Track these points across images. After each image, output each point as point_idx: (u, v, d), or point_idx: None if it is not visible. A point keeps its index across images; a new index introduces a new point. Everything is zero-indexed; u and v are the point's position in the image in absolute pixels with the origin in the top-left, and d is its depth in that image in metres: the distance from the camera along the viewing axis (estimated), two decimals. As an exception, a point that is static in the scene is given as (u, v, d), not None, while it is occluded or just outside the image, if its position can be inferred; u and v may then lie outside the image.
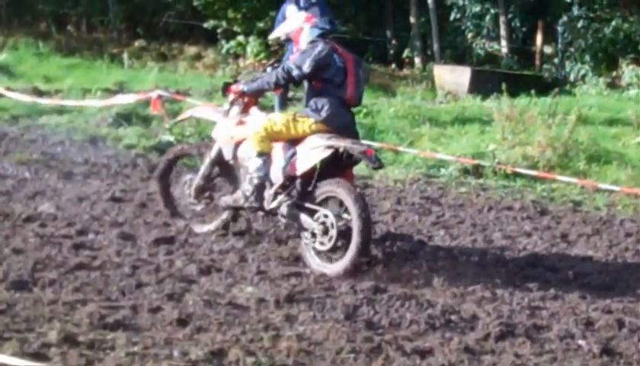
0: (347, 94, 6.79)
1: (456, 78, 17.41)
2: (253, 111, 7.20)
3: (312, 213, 6.58)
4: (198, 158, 7.65)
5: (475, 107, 14.51)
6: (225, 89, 7.34)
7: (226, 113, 7.32)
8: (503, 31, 20.73)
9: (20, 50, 17.78)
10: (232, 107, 7.28)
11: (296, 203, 6.70)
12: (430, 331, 5.39)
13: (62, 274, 5.90)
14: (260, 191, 6.82)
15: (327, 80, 6.74)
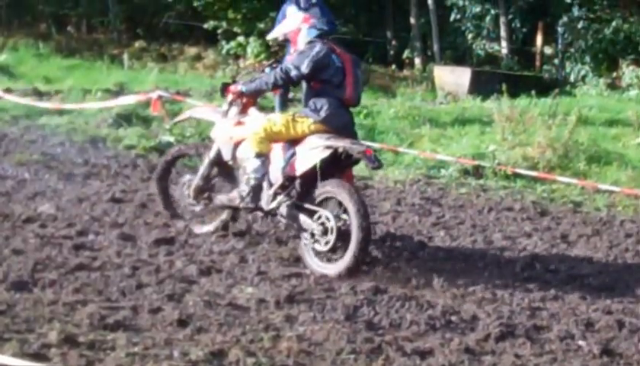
0: (346, 94, 6.79)
1: (456, 78, 17.42)
2: (252, 112, 7.19)
3: (311, 213, 6.57)
4: (197, 158, 7.66)
5: (475, 108, 14.51)
6: (224, 89, 7.33)
7: (225, 113, 7.32)
8: (503, 32, 20.73)
9: (21, 51, 17.81)
10: (231, 107, 7.27)
11: (296, 203, 6.70)
12: (431, 332, 5.39)
13: (62, 274, 5.89)
14: (257, 192, 6.81)
15: (325, 81, 6.73)
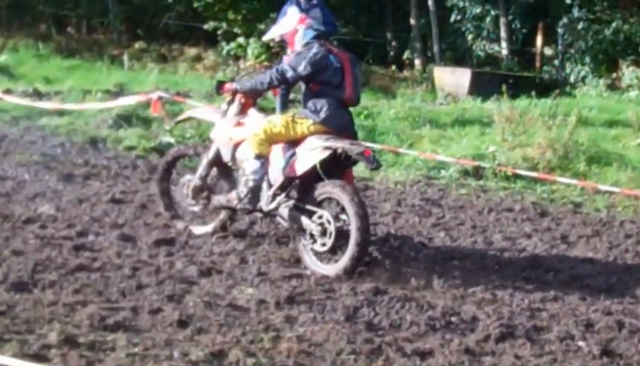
0: (346, 94, 6.78)
1: (456, 79, 17.43)
2: (251, 113, 7.19)
3: (310, 214, 6.57)
4: (196, 158, 7.65)
5: (475, 109, 14.51)
6: (219, 87, 7.33)
7: (224, 113, 7.31)
8: (503, 33, 20.74)
9: (21, 52, 17.81)
10: (230, 106, 7.27)
11: (295, 204, 6.70)
12: (431, 332, 5.39)
13: (62, 275, 5.89)
14: (255, 194, 6.80)
15: (324, 82, 6.73)
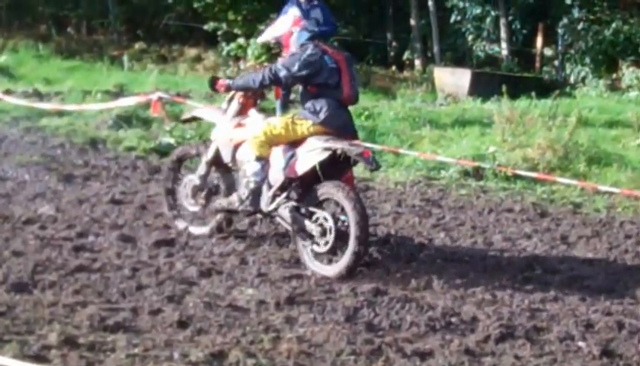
0: (344, 94, 6.76)
1: (456, 80, 17.43)
2: (252, 113, 7.18)
3: (309, 215, 6.57)
4: (198, 158, 7.64)
5: (475, 110, 14.51)
6: (213, 83, 7.34)
7: (224, 111, 7.31)
8: (503, 33, 20.76)
9: (21, 52, 17.83)
10: (230, 105, 7.28)
11: (295, 205, 6.69)
12: (431, 333, 5.39)
13: (62, 276, 5.90)
14: (256, 196, 6.79)
15: (322, 83, 6.71)
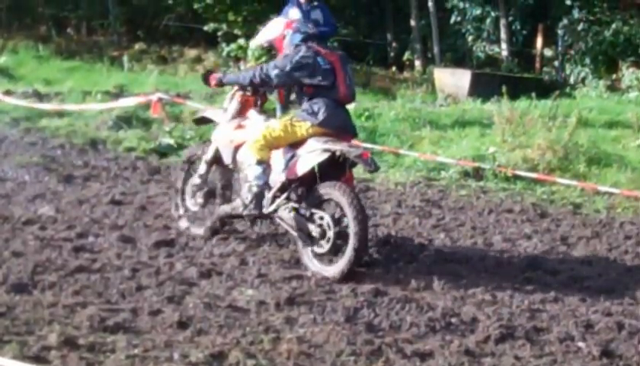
0: (340, 94, 6.74)
1: (456, 81, 17.42)
2: (252, 115, 7.17)
3: (309, 215, 6.56)
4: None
5: (475, 110, 14.50)
6: (207, 77, 7.37)
7: (226, 109, 7.32)
8: (503, 34, 20.75)
9: (20, 53, 17.82)
10: (231, 102, 7.28)
11: (295, 206, 6.69)
12: (431, 333, 5.39)
13: (62, 276, 5.90)
14: (260, 199, 6.77)
15: (317, 85, 6.69)
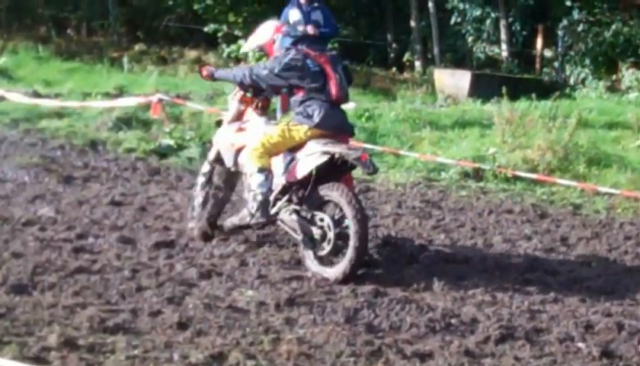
0: (332, 95, 6.69)
1: (456, 81, 17.43)
2: (252, 116, 7.12)
3: (310, 217, 6.55)
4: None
5: (475, 111, 14.50)
6: (200, 68, 7.46)
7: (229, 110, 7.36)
8: (503, 35, 20.77)
9: (20, 54, 17.83)
10: (232, 104, 7.29)
11: (295, 208, 6.67)
12: (431, 334, 5.39)
13: (61, 277, 5.90)
14: (265, 206, 6.69)
15: (308, 87, 6.67)
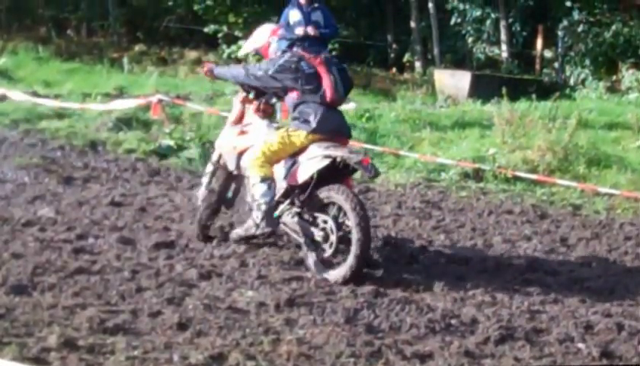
0: (327, 97, 6.64)
1: (456, 82, 17.43)
2: (254, 119, 7.09)
3: (312, 219, 6.54)
4: None
5: (475, 112, 14.51)
6: (204, 63, 7.50)
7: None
8: (503, 35, 20.76)
9: (20, 55, 17.83)
10: (234, 105, 7.31)
11: (297, 211, 6.65)
12: (430, 335, 5.38)
13: (61, 278, 5.90)
14: (270, 215, 6.63)
15: (302, 90, 6.64)
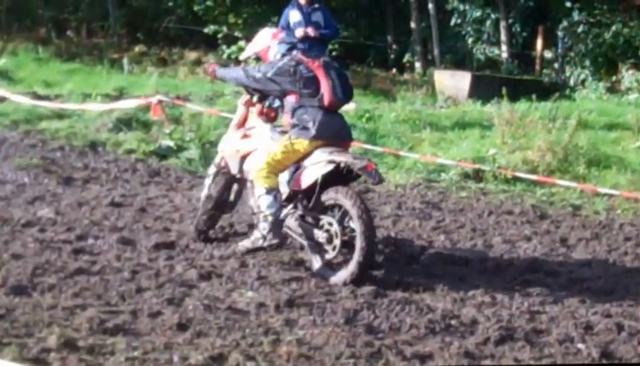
0: (326, 101, 6.58)
1: (456, 82, 17.42)
2: (257, 123, 7.07)
3: (316, 222, 6.53)
4: None
5: (475, 112, 14.50)
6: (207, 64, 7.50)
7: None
8: (503, 36, 20.75)
9: (20, 55, 17.82)
10: (238, 106, 7.34)
11: (301, 214, 6.63)
12: (430, 335, 5.38)
13: (61, 278, 5.90)
14: (277, 227, 6.58)
15: (300, 94, 6.62)
